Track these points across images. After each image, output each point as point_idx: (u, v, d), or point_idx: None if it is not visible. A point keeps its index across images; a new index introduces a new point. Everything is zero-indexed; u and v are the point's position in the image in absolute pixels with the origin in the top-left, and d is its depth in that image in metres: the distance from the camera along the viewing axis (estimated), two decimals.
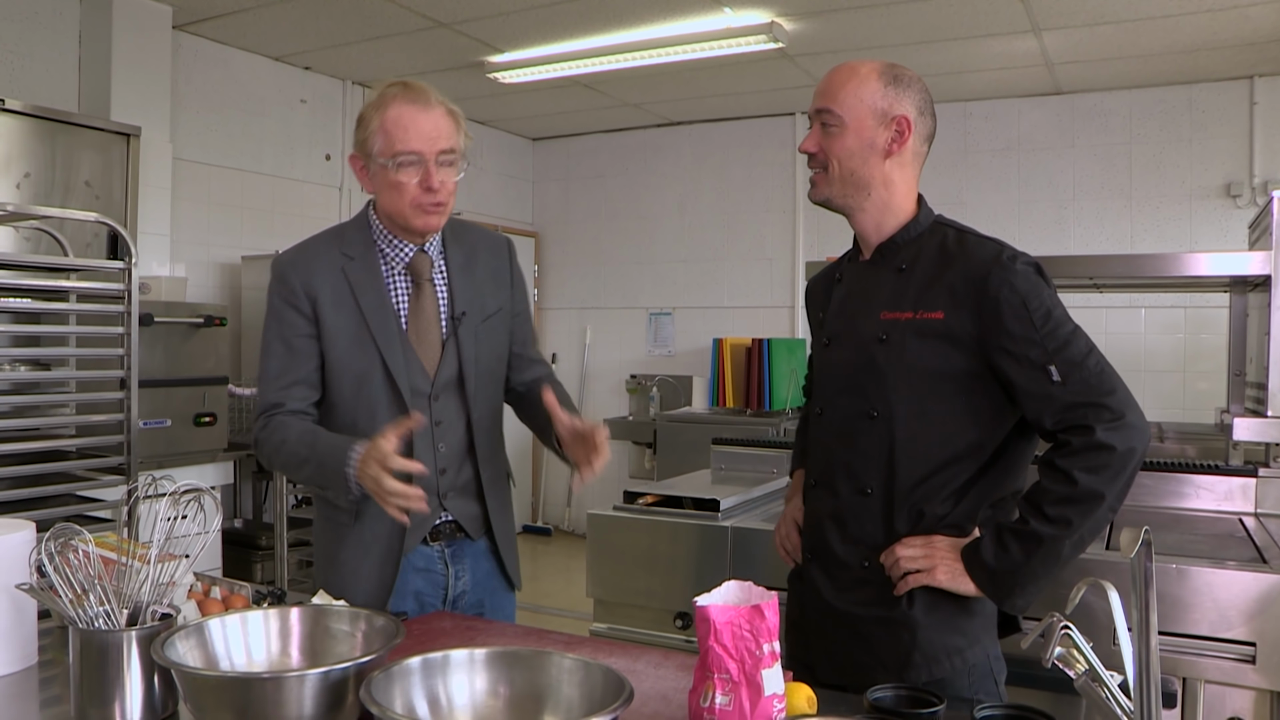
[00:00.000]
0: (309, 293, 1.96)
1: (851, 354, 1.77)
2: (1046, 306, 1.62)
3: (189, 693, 1.23)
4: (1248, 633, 2.04)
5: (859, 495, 1.73)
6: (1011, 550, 1.59)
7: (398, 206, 1.92)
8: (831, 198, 1.78)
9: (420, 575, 2.00)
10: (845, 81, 1.72)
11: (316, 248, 2.03)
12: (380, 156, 1.90)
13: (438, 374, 1.99)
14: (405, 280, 2.01)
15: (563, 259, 7.64)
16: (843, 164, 1.73)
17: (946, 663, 1.66)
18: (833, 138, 1.73)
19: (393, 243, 2.00)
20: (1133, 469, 1.57)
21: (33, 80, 4.46)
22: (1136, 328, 5.89)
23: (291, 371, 1.97)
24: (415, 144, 1.87)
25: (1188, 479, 2.79)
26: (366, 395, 1.95)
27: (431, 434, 1.97)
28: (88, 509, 3.28)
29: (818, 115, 1.75)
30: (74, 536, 1.37)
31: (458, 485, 2.01)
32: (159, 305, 4.08)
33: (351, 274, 1.97)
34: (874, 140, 1.71)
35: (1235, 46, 5.11)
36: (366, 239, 2.01)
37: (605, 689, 1.21)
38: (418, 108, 1.89)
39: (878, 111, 1.71)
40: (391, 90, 1.92)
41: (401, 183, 1.89)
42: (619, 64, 5.51)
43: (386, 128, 1.88)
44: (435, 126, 1.89)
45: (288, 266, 2.00)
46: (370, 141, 1.91)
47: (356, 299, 1.96)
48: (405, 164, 1.88)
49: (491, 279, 2.09)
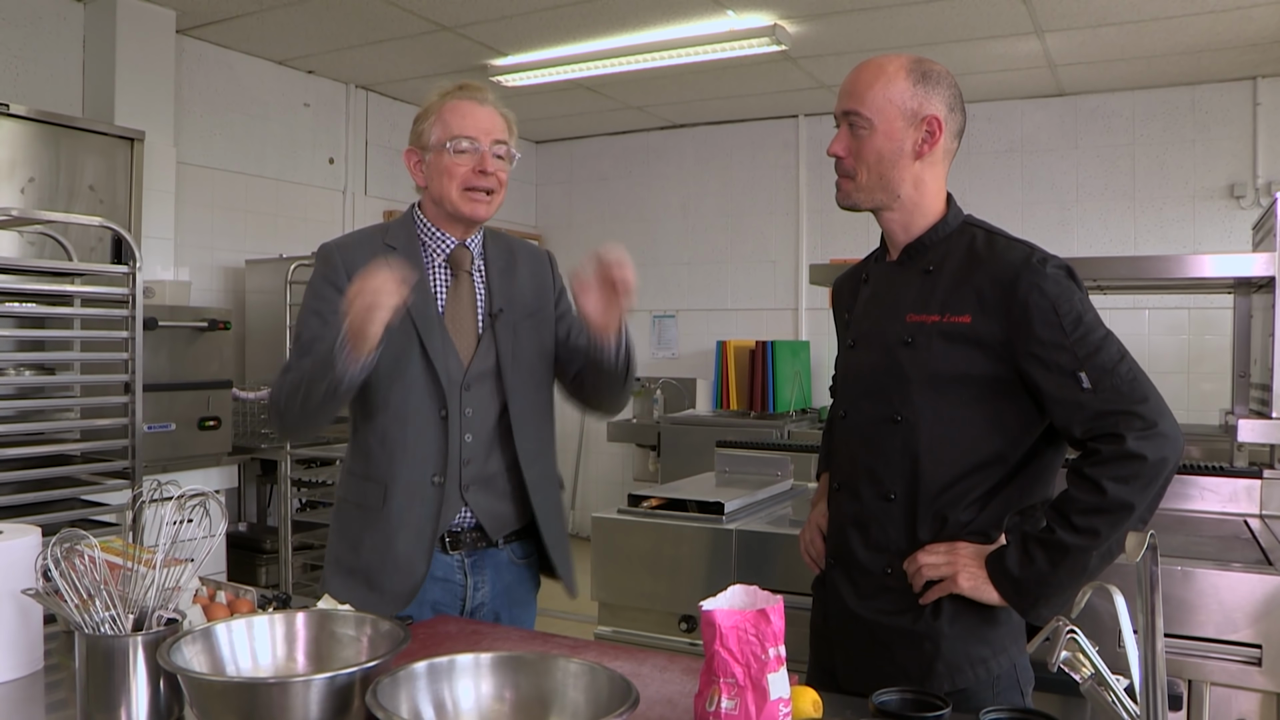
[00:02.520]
0: (350, 272, 1.94)
1: (876, 357, 1.73)
2: (1077, 311, 1.57)
3: (195, 698, 1.23)
4: (1253, 635, 2.04)
5: (882, 500, 1.70)
6: (1037, 560, 1.55)
7: (448, 191, 1.98)
8: (860, 203, 1.73)
9: (438, 584, 2.00)
10: (873, 81, 1.67)
11: (362, 236, 2.10)
12: (436, 144, 1.98)
13: (472, 364, 2.00)
14: (445, 271, 2.05)
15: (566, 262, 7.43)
16: (872, 168, 1.68)
17: (970, 672, 1.62)
18: (861, 140, 1.67)
19: (435, 235, 2.06)
20: (1165, 479, 1.53)
21: (37, 85, 4.46)
22: (1140, 329, 5.88)
23: (321, 340, 1.93)
24: (471, 130, 1.98)
25: (1192, 481, 2.79)
26: (403, 375, 1.96)
27: (460, 422, 1.97)
28: (92, 513, 3.29)
29: (844, 116, 1.69)
30: (79, 541, 1.37)
31: (482, 478, 2.00)
32: (163, 309, 4.09)
33: (393, 261, 1.97)
34: (904, 142, 1.67)
35: (1238, 47, 5.10)
36: (410, 232, 2.07)
37: (611, 693, 1.21)
38: (474, 102, 2.01)
39: (907, 112, 1.66)
40: (449, 90, 2.03)
41: (456, 165, 1.97)
42: (622, 67, 5.51)
43: (445, 117, 1.99)
44: (490, 119, 2.01)
45: (334, 249, 2.05)
46: (427, 134, 2.01)
47: None
48: (460, 149, 1.97)
49: (532, 282, 2.14)
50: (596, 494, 7.44)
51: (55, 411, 3.46)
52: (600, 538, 2.73)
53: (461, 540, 2.01)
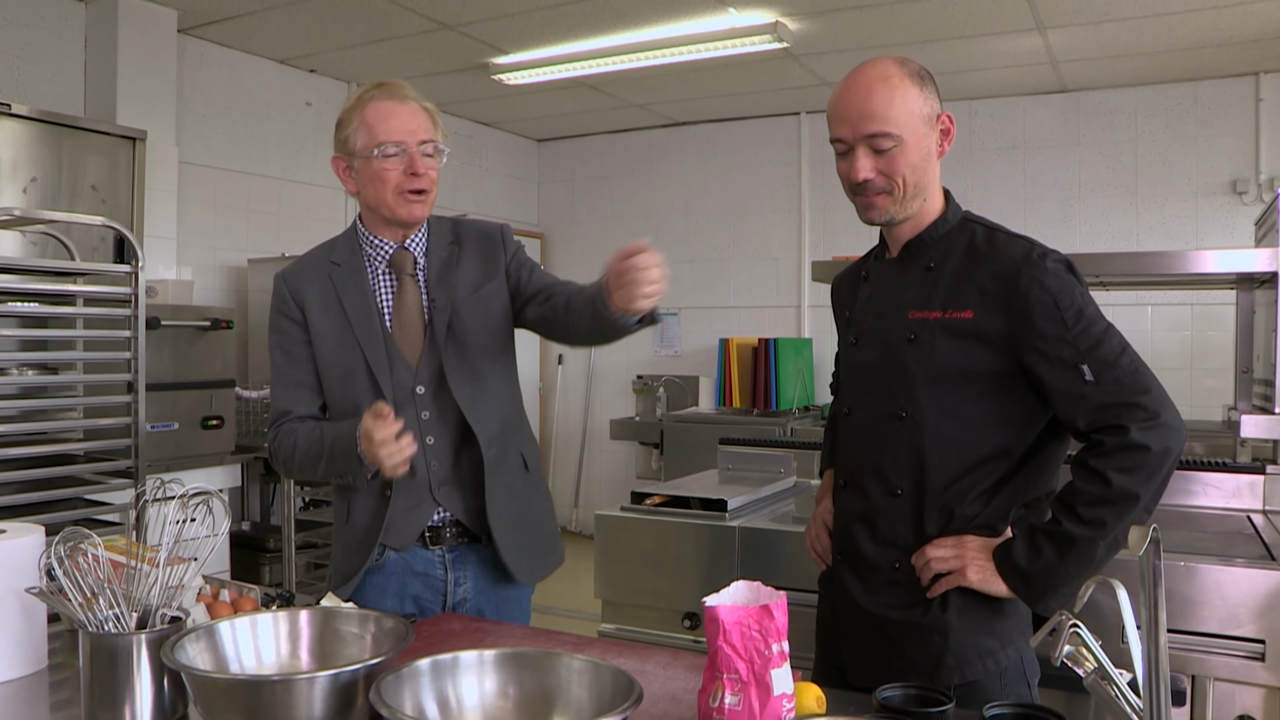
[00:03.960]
0: (298, 300, 2.03)
1: (879, 354, 1.74)
2: (1078, 305, 1.58)
3: (199, 696, 1.23)
4: (1257, 630, 2.04)
5: (889, 496, 1.70)
6: (1044, 552, 1.56)
7: (381, 197, 1.96)
8: (897, 216, 1.71)
9: (419, 579, 2.01)
10: (888, 97, 1.63)
11: (309, 259, 2.12)
12: (363, 151, 1.94)
13: (420, 366, 1.99)
14: (389, 278, 2.04)
15: (568, 260, 7.63)
16: (909, 181, 1.67)
17: (979, 665, 1.63)
18: (895, 158, 1.65)
19: (373, 242, 2.04)
20: (1168, 469, 1.54)
21: (38, 84, 4.46)
22: (1143, 325, 5.88)
23: (293, 378, 2.03)
24: (397, 134, 1.93)
25: (1195, 476, 2.78)
26: (350, 393, 1.99)
27: (419, 427, 1.96)
28: (95, 512, 3.29)
29: (869, 140, 1.65)
30: (83, 540, 1.37)
31: (452, 478, 2.00)
32: (165, 308, 4.09)
33: (337, 278, 2.03)
34: (930, 147, 1.68)
35: (1241, 43, 5.09)
36: (353, 244, 2.07)
37: (614, 690, 1.21)
38: (395, 102, 1.95)
39: (926, 117, 1.66)
40: (367, 91, 1.98)
41: (386, 171, 1.94)
42: (624, 65, 5.50)
43: (368, 121, 1.94)
44: (414, 118, 1.96)
45: (280, 280, 2.08)
46: (352, 139, 1.96)
47: (341, 301, 2.01)
48: (389, 154, 1.93)
49: (479, 259, 2.08)
50: (600, 492, 7.45)
51: (58, 411, 3.46)
52: (603, 535, 2.73)
53: (442, 536, 2.01)
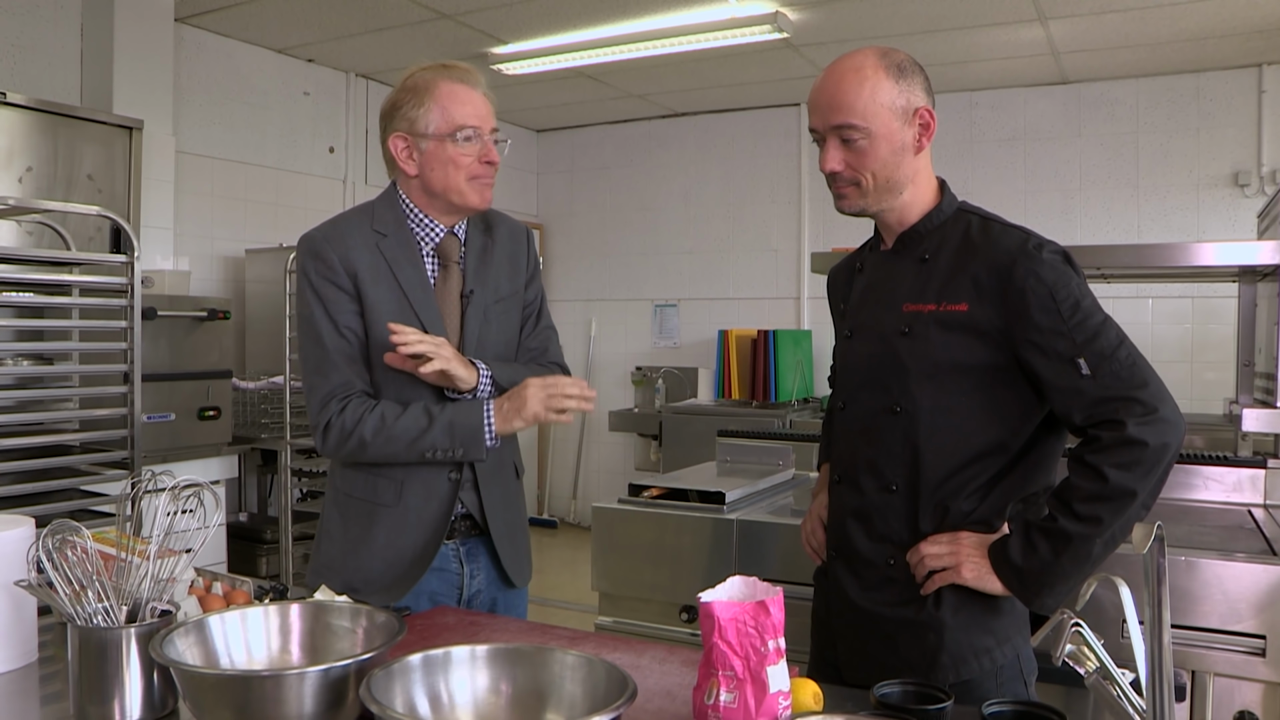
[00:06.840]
0: (348, 268, 1.91)
1: (873, 347, 1.71)
2: (1075, 297, 1.55)
3: (188, 691, 1.22)
4: (1258, 625, 2.03)
5: (883, 492, 1.68)
6: (1040, 549, 1.53)
7: (453, 181, 1.91)
8: (867, 208, 1.69)
9: (435, 574, 1.97)
10: (857, 89, 1.60)
11: (347, 225, 1.97)
12: (437, 133, 1.90)
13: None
14: (433, 261, 1.98)
15: (567, 251, 7.62)
16: (878, 174, 1.64)
17: (974, 663, 1.62)
18: (862, 152, 1.62)
19: (424, 223, 1.98)
20: (1166, 465, 1.51)
21: (34, 73, 4.44)
22: (1144, 318, 5.86)
23: (344, 351, 1.91)
24: (473, 119, 1.91)
25: (1196, 470, 2.77)
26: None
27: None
28: (92, 504, 3.28)
29: (835, 131, 1.63)
30: (72, 532, 1.36)
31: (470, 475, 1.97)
32: (162, 299, 4.07)
33: (386, 250, 1.94)
34: (904, 141, 1.64)
35: (1243, 34, 5.07)
36: (398, 217, 1.98)
37: (608, 686, 1.19)
38: (468, 87, 1.93)
39: (899, 110, 1.62)
40: (432, 71, 1.93)
41: (462, 156, 1.90)
42: (623, 55, 5.48)
43: (443, 103, 1.90)
44: (486, 105, 1.96)
45: (322, 243, 1.93)
46: (422, 121, 1.91)
47: (395, 273, 1.93)
48: (467, 138, 1.90)
49: (507, 263, 2.06)
50: (598, 483, 7.44)
51: (54, 402, 3.45)
52: (601, 527, 2.72)
53: (456, 529, 1.99)
